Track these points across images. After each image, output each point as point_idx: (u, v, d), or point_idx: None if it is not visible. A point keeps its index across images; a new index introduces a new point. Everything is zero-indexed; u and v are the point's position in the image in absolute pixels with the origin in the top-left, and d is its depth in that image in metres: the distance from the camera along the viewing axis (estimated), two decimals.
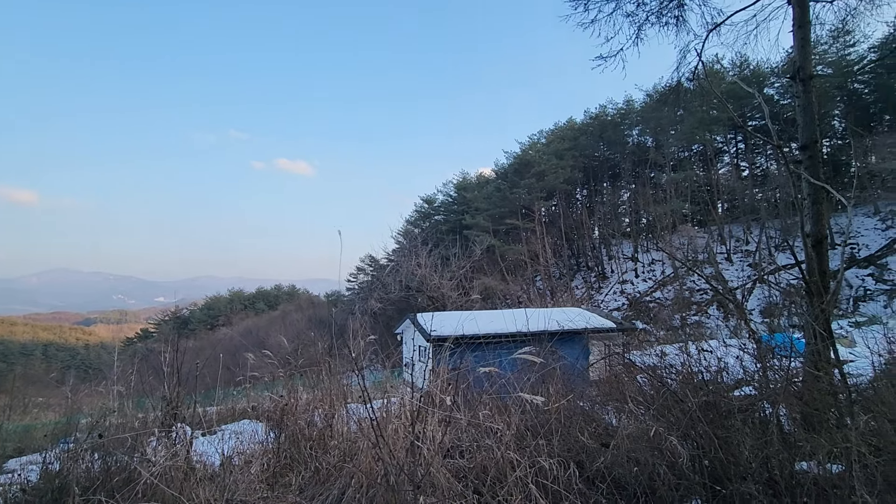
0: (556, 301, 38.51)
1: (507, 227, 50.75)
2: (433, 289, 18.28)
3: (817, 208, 4.63)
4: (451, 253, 20.82)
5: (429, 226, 60.21)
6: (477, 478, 2.95)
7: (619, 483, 3.19)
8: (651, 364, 4.85)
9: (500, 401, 4.25)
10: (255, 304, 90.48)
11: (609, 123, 54.26)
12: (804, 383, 4.02)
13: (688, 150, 52.96)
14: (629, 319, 37.21)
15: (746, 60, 41.44)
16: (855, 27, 7.28)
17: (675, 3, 6.72)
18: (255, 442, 4.41)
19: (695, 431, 3.14)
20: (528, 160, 52.31)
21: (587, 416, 4.40)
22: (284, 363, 6.09)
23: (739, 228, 45.98)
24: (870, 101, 44.92)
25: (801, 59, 4.94)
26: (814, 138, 4.81)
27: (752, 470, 2.91)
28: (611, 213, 55.11)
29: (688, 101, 18.33)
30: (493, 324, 8.51)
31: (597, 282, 49.88)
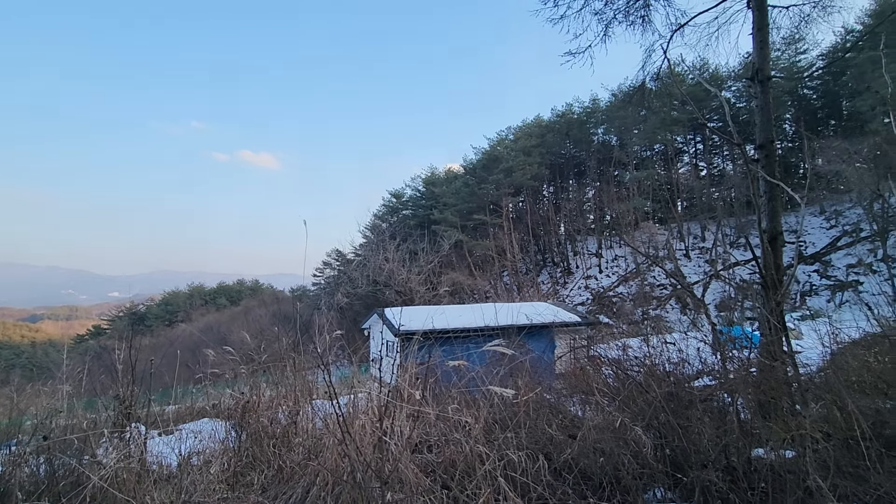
0: (522, 296, 39.02)
1: (475, 223, 51.00)
2: (401, 283, 18.14)
3: (773, 205, 4.82)
4: (420, 247, 20.72)
5: (397, 220, 59.84)
6: (445, 472, 2.93)
7: (586, 474, 3.23)
8: (615, 357, 4.95)
9: (468, 395, 4.24)
10: (216, 300, 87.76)
11: (575, 122, 55.27)
12: (760, 373, 4.19)
13: (650, 149, 54.56)
14: (593, 313, 38.14)
15: (706, 63, 42.97)
16: (807, 34, 7.60)
17: (641, 3, 6.85)
18: (216, 441, 4.25)
19: (658, 421, 3.22)
20: (497, 156, 52.67)
21: (554, 409, 4.45)
22: (247, 360, 5.91)
23: (697, 226, 47.85)
24: (818, 107, 47.50)
25: (759, 62, 5.12)
26: (770, 138, 5.00)
27: (711, 457, 3.00)
28: (576, 210, 56.21)
29: (651, 102, 18.75)
30: (462, 318, 8.53)
31: (562, 277, 50.84)
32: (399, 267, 18.76)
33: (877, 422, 3.07)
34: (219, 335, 47.68)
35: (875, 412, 3.24)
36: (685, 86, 33.26)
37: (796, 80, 39.08)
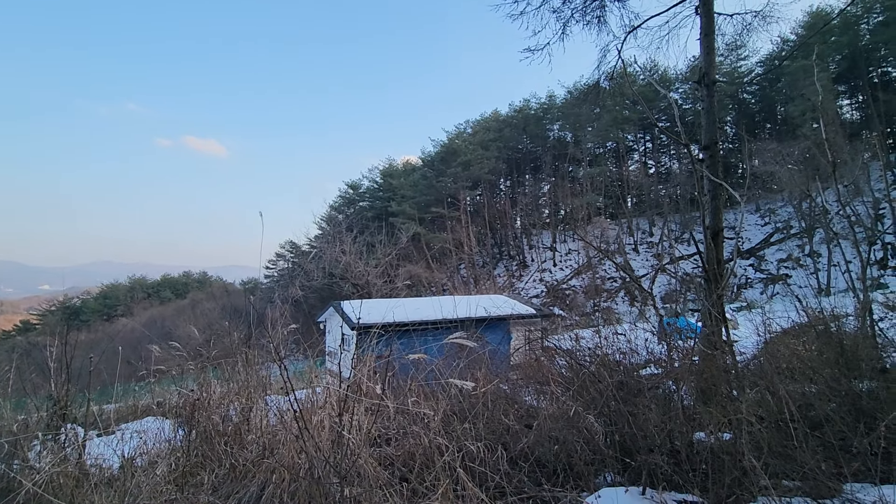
0: (479, 288, 39.47)
1: (432, 216, 51.00)
2: (358, 276, 17.91)
3: (716, 203, 5.10)
4: (377, 240, 20.50)
5: (354, 212, 58.94)
6: (405, 465, 2.93)
7: (541, 461, 3.33)
8: (569, 348, 5.11)
9: (427, 387, 4.26)
10: (159, 293, 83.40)
11: (532, 117, 56.21)
12: (701, 362, 4.44)
13: (603, 146, 56.31)
14: (547, 306, 39.13)
15: (656, 65, 44.60)
16: (748, 41, 8.05)
17: (597, 4, 7.03)
18: (162, 440, 4.06)
19: (608, 409, 3.35)
20: (455, 149, 52.79)
21: (511, 400, 4.54)
22: (195, 355, 5.67)
23: (646, 221, 49.99)
24: (756, 111, 50.55)
25: (706, 65, 5.38)
26: (714, 139, 5.27)
27: (657, 442, 3.16)
28: (532, 204, 57.29)
29: (604, 100, 19.49)
30: (420, 311, 8.52)
31: (518, 270, 51.78)
32: (356, 259, 18.50)
33: (803, 405, 3.33)
34: (163, 330, 45.47)
35: (802, 396, 3.52)
36: (637, 86, 34.49)
37: (737, 84, 41.39)
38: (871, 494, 2.31)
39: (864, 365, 3.38)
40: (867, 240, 25.07)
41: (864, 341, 3.76)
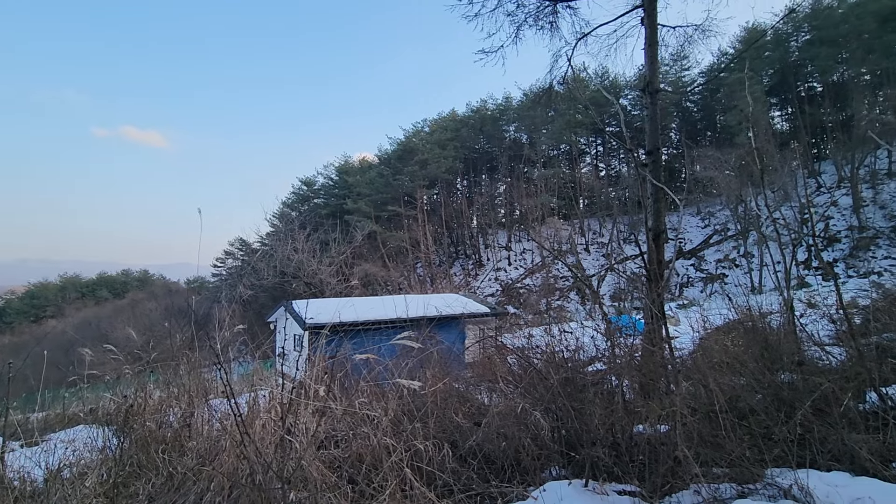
0: (435, 287, 39.57)
1: (389, 214, 50.63)
2: (310, 275, 17.44)
3: (658, 206, 5.36)
4: (331, 238, 20.03)
5: (308, 209, 57.55)
6: (353, 467, 2.90)
7: (490, 458, 3.39)
8: (519, 345, 5.22)
9: (378, 387, 4.23)
10: (95, 292, 78.20)
11: (489, 118, 56.88)
12: (643, 358, 4.66)
13: (557, 149, 57.80)
14: (502, 304, 39.74)
15: (607, 71, 46.36)
16: (691, 53, 8.48)
17: (550, 9, 7.20)
18: (93, 450, 3.82)
19: (555, 405, 3.45)
20: (412, 147, 52.65)
21: (462, 397, 4.59)
22: (134, 359, 5.37)
23: (597, 222, 51.77)
24: (697, 119, 53.41)
25: (650, 74, 5.63)
26: (657, 146, 5.53)
27: (600, 435, 3.28)
28: (488, 204, 58.00)
29: (558, 104, 20.09)
30: (373, 310, 8.44)
31: (474, 269, 52.29)
32: (309, 258, 18.00)
33: (733, 397, 3.56)
34: (99, 332, 42.67)
35: (731, 388, 3.75)
36: (588, 91, 35.62)
37: (681, 93, 43.61)
38: (789, 478, 2.50)
39: (786, 358, 3.66)
40: (793, 242, 27.10)
41: (785, 336, 4.07)
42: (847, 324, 3.64)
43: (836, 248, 34.62)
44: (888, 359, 3.91)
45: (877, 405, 3.26)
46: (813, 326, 5.53)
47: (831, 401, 3.02)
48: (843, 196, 38.03)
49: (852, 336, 3.45)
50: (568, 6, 7.29)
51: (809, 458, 2.75)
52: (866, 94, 41.05)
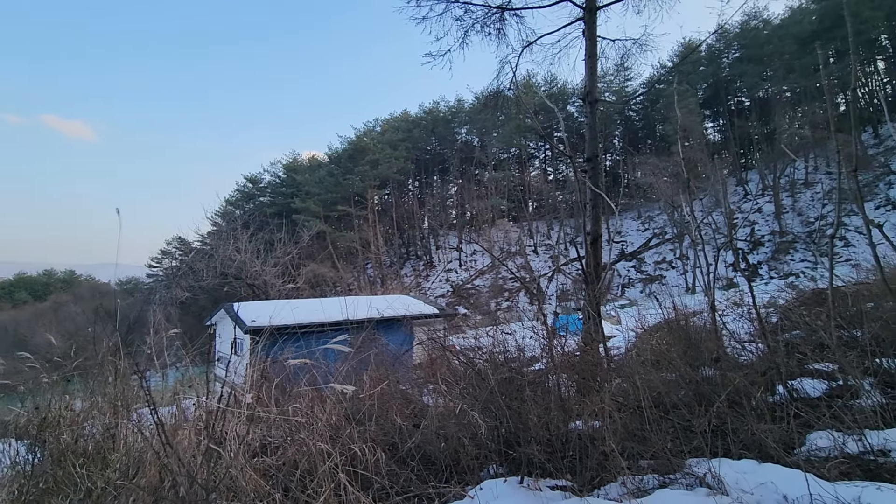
0: (386, 288, 39.26)
1: (339, 214, 49.76)
2: (254, 276, 16.82)
3: (596, 211, 5.59)
4: (277, 238, 19.41)
5: (253, 207, 55.49)
6: (287, 474, 2.83)
7: (430, 459, 3.41)
8: (463, 346, 5.29)
9: (318, 392, 4.15)
10: (13, 294, 71.65)
11: (441, 120, 57.17)
12: (580, 356, 4.84)
13: (507, 152, 58.95)
14: (452, 305, 40.01)
15: (555, 79, 47.79)
16: (631, 65, 8.91)
17: (497, 17, 7.34)
18: (2, 466, 3.50)
19: (493, 405, 3.52)
20: (363, 147, 52.02)
21: (406, 399, 4.58)
22: (54, 367, 4.98)
23: (544, 225, 53.24)
24: (639, 127, 56.13)
25: (589, 85, 5.86)
26: (596, 153, 5.77)
27: (537, 434, 3.38)
28: (439, 205, 58.28)
29: (507, 109, 20.46)
30: (319, 312, 8.27)
31: (425, 270, 52.34)
32: (252, 258, 17.34)
33: (660, 392, 3.77)
34: (15, 338, 39.16)
35: (659, 384, 3.98)
36: (537, 97, 36.55)
37: (623, 103, 45.70)
38: (704, 467, 2.68)
39: (706, 355, 3.92)
40: (722, 246, 29.06)
41: (707, 334, 4.36)
42: (759, 322, 3.95)
43: (760, 251, 37.42)
44: (795, 354, 4.28)
45: (784, 397, 3.57)
46: (736, 325, 5.94)
47: (744, 394, 3.27)
48: (767, 203, 41.20)
49: (763, 334, 3.75)
50: (515, 14, 7.46)
51: (724, 448, 2.96)
52: (787, 109, 44.72)
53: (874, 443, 2.69)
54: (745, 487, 2.45)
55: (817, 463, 2.63)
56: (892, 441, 2.67)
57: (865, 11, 39.23)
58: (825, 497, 2.13)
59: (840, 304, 4.72)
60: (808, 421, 3.07)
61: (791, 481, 2.36)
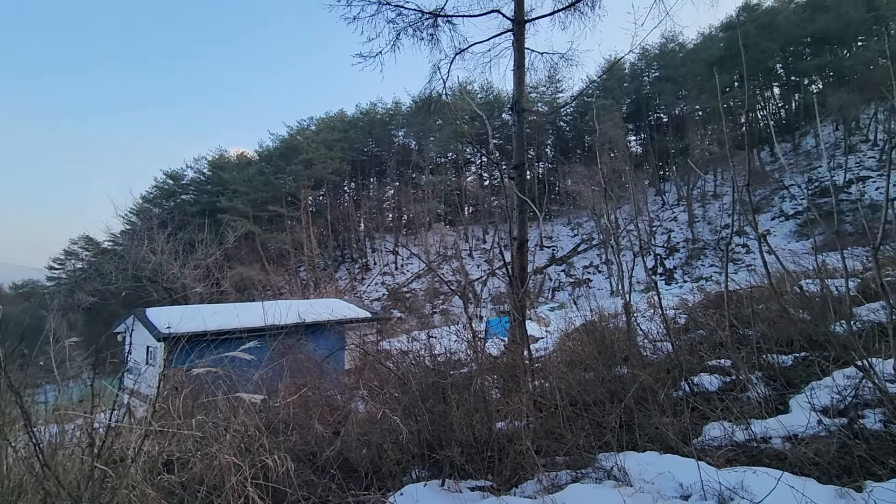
0: (319, 292, 38.17)
1: (270, 214, 47.79)
2: (172, 279, 15.67)
3: (522, 217, 5.77)
4: (199, 238, 18.19)
5: (174, 206, 51.86)
6: (192, 491, 2.66)
7: (351, 466, 3.34)
8: (392, 350, 5.25)
9: (234, 401, 3.93)
10: None
11: (378, 121, 56.68)
12: (507, 358, 4.96)
13: (444, 156, 59.53)
14: (387, 309, 39.67)
15: (492, 86, 48.97)
16: (562, 78, 9.30)
17: (430, 22, 7.40)
18: None
19: (418, 410, 3.52)
20: (296, 146, 50.35)
21: (331, 406, 4.47)
22: None
23: (480, 229, 54.27)
24: (569, 137, 58.84)
25: (517, 95, 6.06)
26: (523, 161, 5.96)
27: (460, 436, 3.42)
28: (376, 208, 57.70)
29: (443, 113, 20.72)
30: (240, 318, 7.87)
31: (360, 273, 51.52)
32: (170, 259, 16.15)
33: (579, 391, 3.95)
34: None
35: (579, 383, 4.17)
36: (474, 103, 37.27)
37: (550, 113, 47.81)
38: (612, 461, 2.83)
39: (619, 355, 4.17)
40: (640, 251, 31.06)
41: (620, 335, 4.64)
42: (666, 323, 4.25)
43: (675, 256, 40.43)
44: (697, 352, 4.66)
45: (685, 392, 3.87)
46: (650, 325, 6.36)
47: (650, 391, 3.50)
48: (682, 213, 44.67)
49: (669, 334, 4.04)
50: (448, 21, 7.56)
51: (631, 442, 3.15)
52: (699, 127, 48.81)
53: (758, 431, 2.97)
54: (647, 478, 2.62)
55: (710, 452, 2.86)
56: (773, 429, 2.97)
57: (763, 42, 43.84)
58: (713, 483, 2.33)
59: (735, 306, 5.19)
60: (704, 413, 3.34)
61: (686, 470, 2.56)
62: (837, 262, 4.96)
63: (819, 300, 4.72)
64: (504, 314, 15.23)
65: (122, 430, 2.42)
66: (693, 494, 2.38)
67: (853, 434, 2.63)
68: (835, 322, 4.23)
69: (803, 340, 4.27)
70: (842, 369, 3.35)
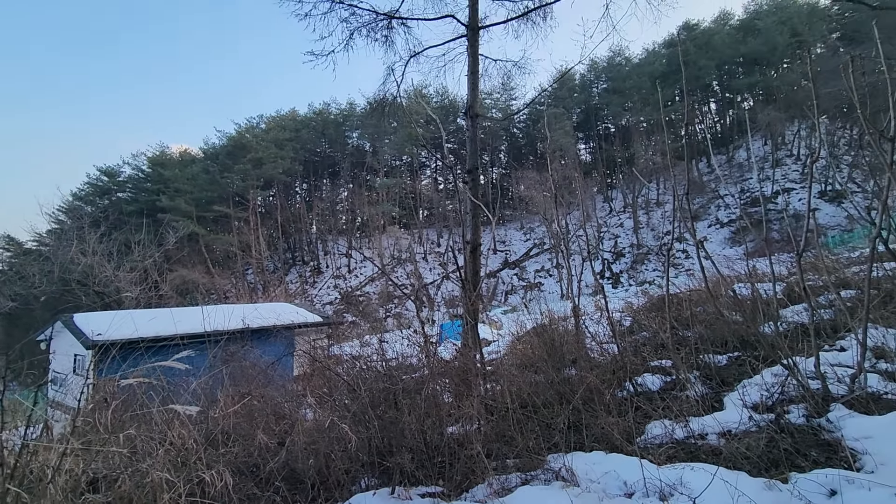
0: (268, 295, 36.91)
1: (215, 215, 45.79)
2: (104, 282, 14.58)
3: (475, 221, 5.81)
4: (136, 239, 17.03)
5: (108, 204, 48.65)
6: None
7: (297, 478, 3.22)
8: (343, 356, 5.12)
9: (169, 413, 3.70)
10: None
11: (332, 122, 55.71)
12: (459, 362, 4.96)
13: (399, 159, 59.28)
14: (340, 313, 38.93)
15: (447, 91, 49.32)
16: (516, 85, 9.45)
17: (385, 24, 7.34)
18: None
19: (368, 416, 3.44)
20: (245, 144, 48.58)
21: (278, 415, 4.29)
22: None
23: (434, 232, 54.38)
24: (522, 144, 60.16)
25: (471, 100, 6.10)
26: (476, 165, 6.01)
27: (411, 442, 3.37)
28: (329, 210, 56.56)
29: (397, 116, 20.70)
30: (182, 323, 7.42)
31: (312, 276, 50.29)
32: (103, 261, 15.02)
33: (530, 393, 4.00)
34: None
35: (530, 385, 4.22)
36: (428, 107, 37.36)
37: (503, 119, 48.77)
38: (560, 461, 2.88)
39: (568, 357, 4.26)
40: (588, 256, 32.16)
41: (569, 337, 4.75)
42: (611, 326, 4.39)
43: (622, 261, 42.15)
44: (641, 353, 4.85)
45: (630, 392, 4.01)
46: (598, 328, 6.56)
47: (597, 391, 3.60)
48: (627, 219, 46.67)
49: (615, 336, 4.18)
50: (403, 23, 7.53)
51: (579, 442, 3.22)
52: (643, 138, 51.27)
53: (696, 428, 3.11)
54: (593, 477, 2.67)
55: (652, 449, 2.96)
56: (709, 426, 3.12)
57: (702, 60, 46.69)
58: (654, 480, 2.41)
59: (676, 309, 5.45)
60: (647, 412, 3.47)
61: (630, 468, 2.63)
62: (766, 267, 5.31)
63: (750, 303, 5.04)
64: (457, 318, 15.31)
65: (38, 448, 2.21)
66: (636, 492, 2.45)
67: (780, 428, 2.80)
68: (764, 323, 4.52)
69: (736, 341, 4.53)
70: (770, 368, 3.57)
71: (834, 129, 39.08)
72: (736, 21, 52.17)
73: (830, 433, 2.67)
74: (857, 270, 6.26)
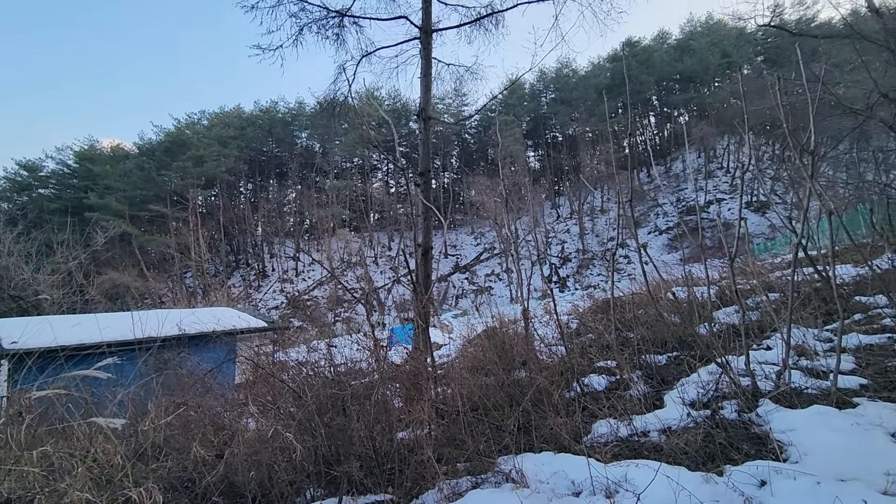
0: (208, 300, 35.12)
1: (151, 215, 43.15)
2: (21, 286, 13.27)
3: (427, 224, 5.78)
4: (60, 239, 15.63)
5: (27, 201, 44.70)
6: None
7: (237, 491, 3.04)
8: (286, 362, 4.92)
9: (92, 427, 3.40)
10: None
11: (279, 121, 54.08)
12: (409, 366, 4.89)
13: (350, 161, 58.38)
14: (286, 318, 37.69)
15: (399, 93, 49.20)
16: (468, 91, 9.54)
17: (336, 21, 7.18)
18: None
19: (314, 424, 3.31)
20: (185, 140, 46.16)
21: (217, 426, 4.06)
22: None
23: (385, 236, 53.90)
24: (474, 149, 60.95)
25: (424, 102, 6.08)
26: (428, 168, 5.99)
27: (362, 449, 3.28)
28: (276, 211, 54.73)
29: (349, 117, 20.38)
30: (109, 329, 6.87)
31: (256, 280, 48.42)
32: (20, 263, 13.68)
33: (481, 396, 4.00)
34: None
35: (481, 388, 4.23)
36: (382, 108, 37.08)
37: (455, 123, 49.34)
38: (511, 463, 2.88)
39: (517, 359, 4.31)
40: (537, 260, 33.00)
41: (519, 340, 4.81)
42: (560, 328, 4.49)
43: (568, 266, 43.51)
44: (587, 354, 4.98)
45: (577, 392, 4.10)
46: (546, 330, 6.68)
47: (545, 393, 3.65)
48: (573, 225, 48.30)
49: (563, 338, 4.27)
50: (355, 22, 7.40)
51: (529, 444, 3.24)
52: (589, 147, 53.34)
53: (639, 426, 3.22)
54: (543, 478, 2.70)
55: (598, 448, 3.03)
56: (651, 423, 3.24)
57: (642, 76, 49.25)
58: (601, 478, 2.45)
59: (619, 311, 5.65)
60: (594, 412, 3.55)
61: (578, 467, 2.68)
62: (701, 271, 5.62)
63: (687, 305, 5.32)
64: (408, 321, 15.17)
65: None
66: (584, 491, 2.49)
67: (715, 424, 2.95)
68: (699, 324, 4.77)
69: (675, 341, 4.75)
70: (706, 366, 3.76)
71: (758, 145, 42.34)
72: (673, 41, 55.56)
73: (760, 427, 2.84)
74: (779, 275, 6.76)
